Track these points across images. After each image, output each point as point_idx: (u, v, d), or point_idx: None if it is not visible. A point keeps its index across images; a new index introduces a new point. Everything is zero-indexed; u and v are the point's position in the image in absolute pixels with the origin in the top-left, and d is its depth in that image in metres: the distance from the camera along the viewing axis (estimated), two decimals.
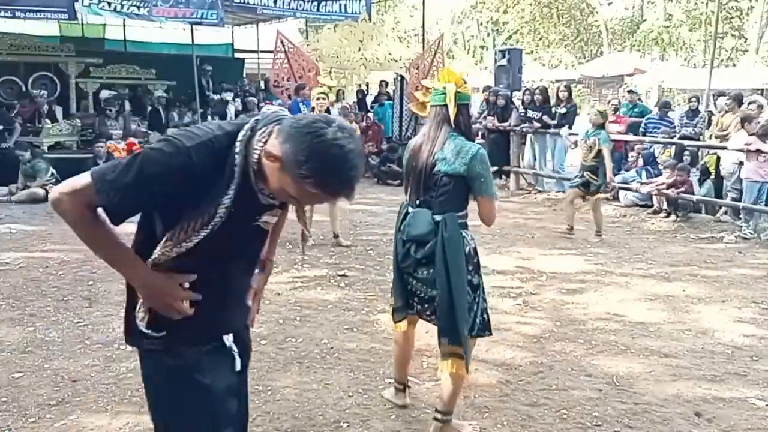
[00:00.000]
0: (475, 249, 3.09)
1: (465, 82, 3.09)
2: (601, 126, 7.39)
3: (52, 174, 9.39)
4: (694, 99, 11.50)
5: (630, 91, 12.59)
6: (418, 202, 3.08)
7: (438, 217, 2.98)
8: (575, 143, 8.42)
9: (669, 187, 8.65)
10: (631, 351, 4.30)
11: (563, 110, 10.59)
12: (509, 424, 3.33)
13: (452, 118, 3.01)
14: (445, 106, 3.02)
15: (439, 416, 3.12)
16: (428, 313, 3.11)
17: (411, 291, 3.14)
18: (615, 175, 8.21)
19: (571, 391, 3.70)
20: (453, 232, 2.96)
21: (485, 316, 3.11)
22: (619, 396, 3.66)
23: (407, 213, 3.11)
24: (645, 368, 4.03)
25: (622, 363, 4.10)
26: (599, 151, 7.27)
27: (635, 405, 3.55)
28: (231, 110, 10.96)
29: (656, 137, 9.87)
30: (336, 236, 7.07)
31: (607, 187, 7.63)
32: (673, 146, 9.78)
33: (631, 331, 4.65)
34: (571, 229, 7.72)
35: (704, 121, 10.69)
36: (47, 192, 9.15)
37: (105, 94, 11.89)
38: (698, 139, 10.19)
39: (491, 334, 3.18)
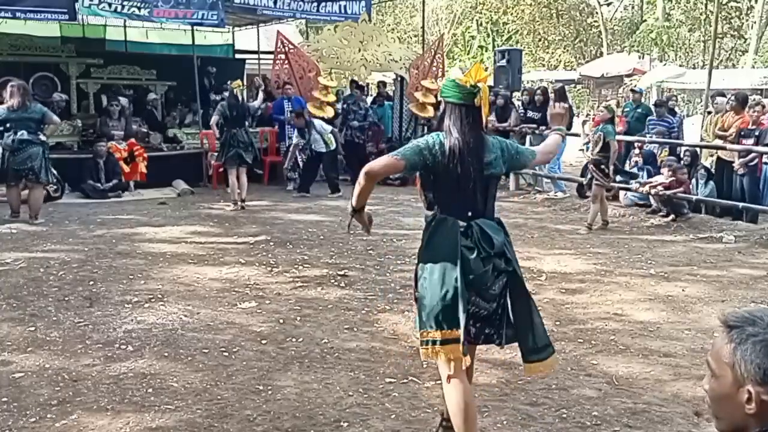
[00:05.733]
0: None
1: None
2: (610, 121, 7.93)
3: (53, 174, 9.37)
4: (673, 99, 11.52)
5: (633, 91, 12.59)
6: (470, 213, 2.81)
7: (496, 224, 2.89)
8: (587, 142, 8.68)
9: (666, 188, 8.65)
10: (630, 351, 4.31)
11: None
12: (509, 424, 3.33)
13: (485, 120, 2.83)
14: (474, 106, 2.79)
15: (447, 424, 3.04)
16: (486, 331, 2.88)
17: (470, 313, 2.79)
18: (616, 174, 8.33)
19: (571, 391, 3.70)
20: (508, 235, 2.93)
21: None
22: (618, 395, 3.66)
23: (460, 227, 2.77)
24: (645, 368, 4.03)
25: (622, 363, 4.11)
26: (605, 146, 7.72)
27: (635, 404, 3.55)
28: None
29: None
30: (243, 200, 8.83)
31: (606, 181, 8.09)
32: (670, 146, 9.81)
33: (631, 331, 4.66)
34: (606, 223, 8.10)
35: (704, 119, 10.71)
36: (48, 192, 9.14)
37: (108, 93, 11.90)
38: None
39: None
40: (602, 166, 7.87)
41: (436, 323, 2.74)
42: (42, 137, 7.94)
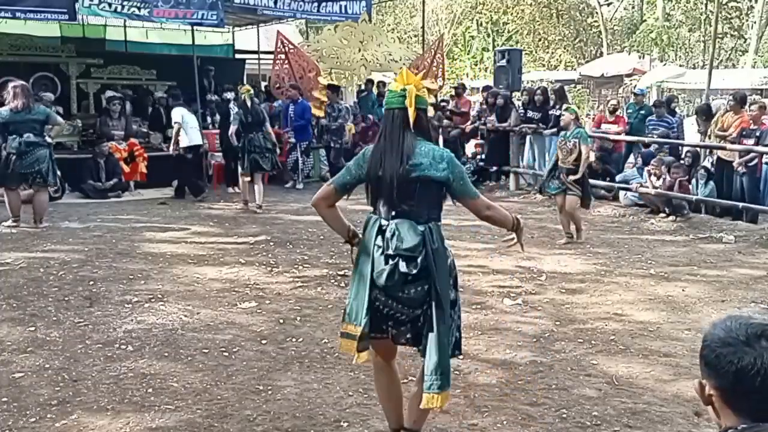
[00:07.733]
0: (453, 261, 2.93)
1: (423, 87, 2.94)
2: (575, 123, 7.27)
3: (58, 175, 9.35)
4: (675, 99, 11.48)
5: (635, 93, 12.58)
6: (394, 213, 2.80)
7: (421, 228, 2.76)
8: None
9: (668, 189, 8.66)
10: (631, 351, 4.31)
11: (558, 112, 10.60)
12: (509, 424, 3.33)
13: (411, 121, 2.79)
14: (404, 109, 2.81)
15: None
16: (408, 336, 2.86)
17: (386, 314, 2.80)
18: (615, 174, 8.25)
19: (571, 391, 3.70)
20: (439, 244, 2.78)
21: (458, 333, 2.94)
22: (618, 395, 3.66)
23: (382, 226, 2.81)
24: (645, 368, 4.03)
25: (622, 363, 4.11)
26: (580, 153, 7.05)
27: (635, 404, 3.55)
28: (234, 110, 11.00)
29: (655, 137, 9.87)
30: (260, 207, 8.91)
31: (588, 199, 7.37)
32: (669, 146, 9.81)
33: (631, 331, 4.66)
34: (572, 236, 7.41)
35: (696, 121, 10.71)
36: (48, 192, 9.12)
37: (109, 93, 11.90)
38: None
39: (461, 354, 3.04)
40: (577, 175, 7.11)
41: (346, 316, 2.88)
42: (48, 139, 7.71)
